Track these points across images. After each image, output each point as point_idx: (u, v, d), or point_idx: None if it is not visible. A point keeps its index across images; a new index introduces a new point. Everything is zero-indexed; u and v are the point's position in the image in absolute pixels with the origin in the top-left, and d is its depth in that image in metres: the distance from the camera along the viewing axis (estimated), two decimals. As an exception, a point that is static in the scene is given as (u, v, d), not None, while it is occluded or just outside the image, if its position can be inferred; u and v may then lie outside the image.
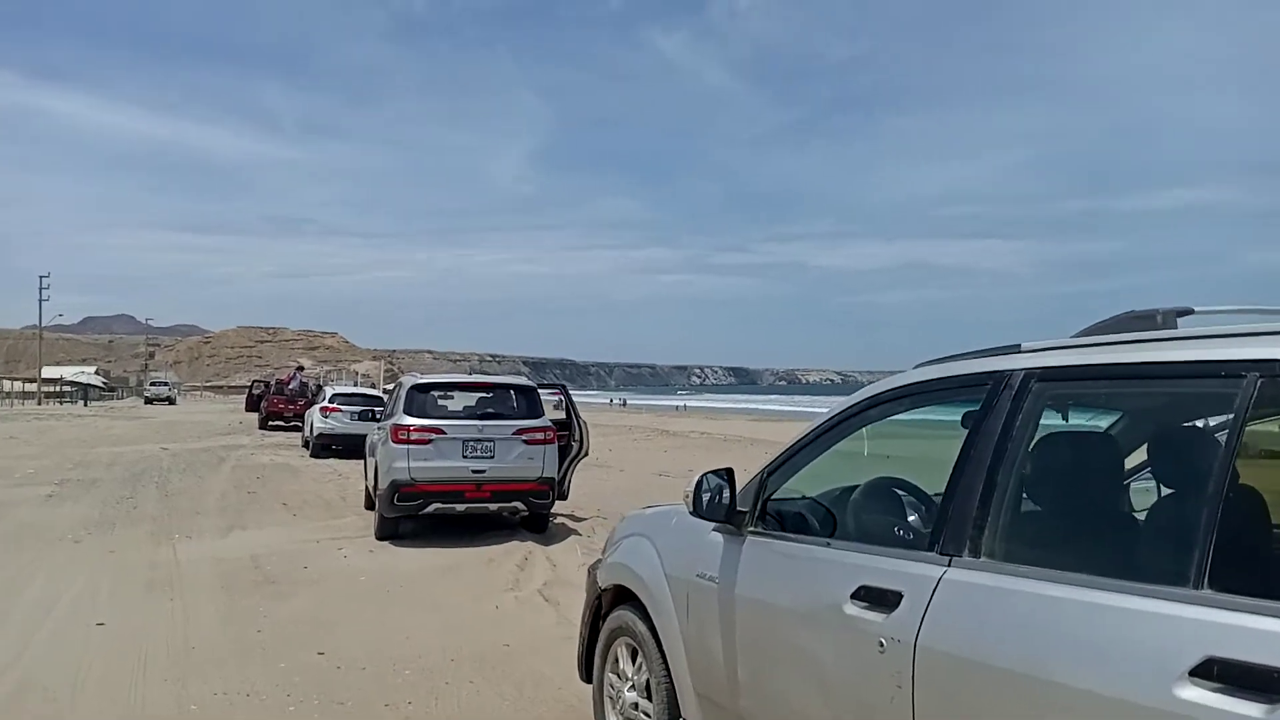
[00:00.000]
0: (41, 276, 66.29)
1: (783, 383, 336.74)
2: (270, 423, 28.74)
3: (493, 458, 8.99)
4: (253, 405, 35.62)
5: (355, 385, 37.41)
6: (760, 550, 2.85)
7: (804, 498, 3.04)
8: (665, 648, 3.20)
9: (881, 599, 2.25)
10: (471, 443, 8.97)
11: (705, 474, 3.00)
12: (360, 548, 8.79)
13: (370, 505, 10.67)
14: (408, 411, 9.12)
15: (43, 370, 71.00)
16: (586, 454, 10.51)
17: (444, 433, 8.95)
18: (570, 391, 10.78)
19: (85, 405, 59.62)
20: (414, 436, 8.88)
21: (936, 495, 2.56)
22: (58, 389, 67.79)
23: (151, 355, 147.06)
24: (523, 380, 10.06)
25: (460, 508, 9.02)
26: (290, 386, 30.64)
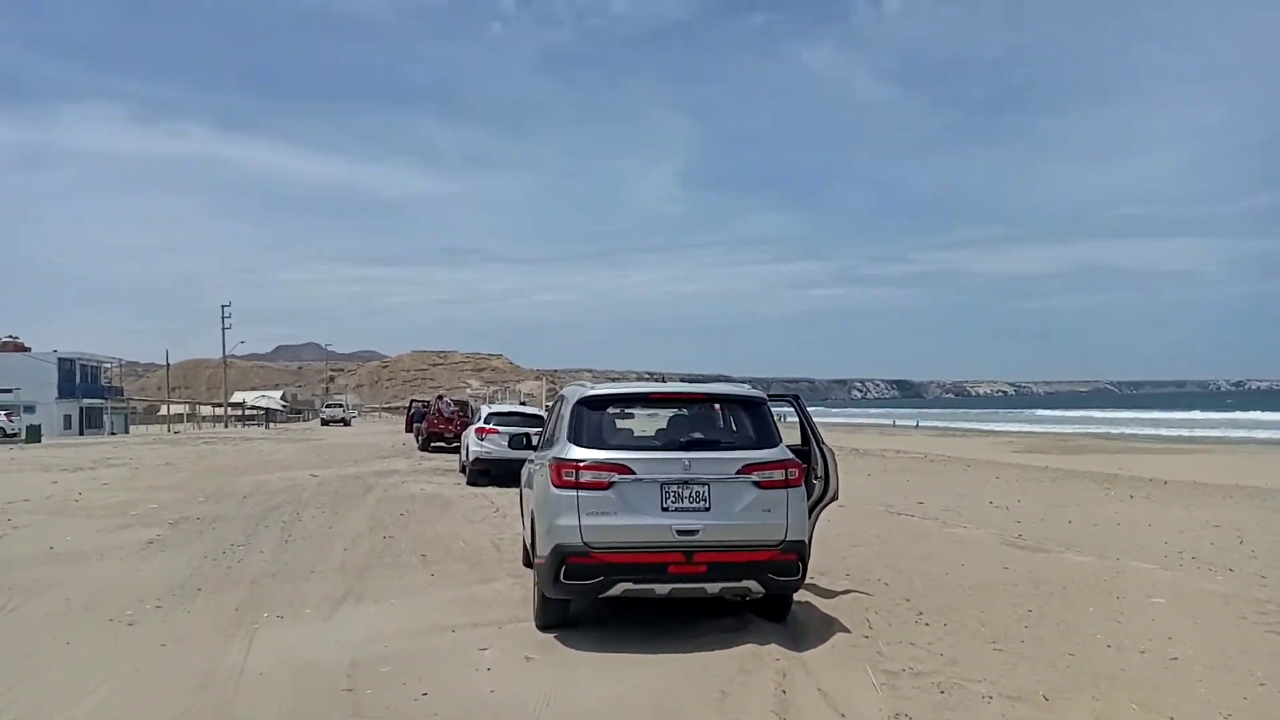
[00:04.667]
0: (223, 306, 69.56)
1: (950, 395, 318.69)
2: (432, 444, 27.45)
3: (708, 510, 5.73)
4: (410, 425, 34.56)
5: (513, 403, 35.35)
6: None
7: None
8: None
9: None
10: (674, 487, 5.75)
11: None
12: (512, 648, 5.75)
13: (530, 563, 7.72)
14: (575, 440, 5.97)
15: (233, 395, 74.71)
16: (836, 497, 7.11)
17: (632, 471, 5.75)
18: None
19: (267, 427, 61.77)
20: (586, 478, 5.74)
21: None
22: (243, 413, 71.03)
23: (331, 379, 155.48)
24: (744, 389, 6.66)
25: (663, 590, 5.79)
26: (439, 409, 28.91)
